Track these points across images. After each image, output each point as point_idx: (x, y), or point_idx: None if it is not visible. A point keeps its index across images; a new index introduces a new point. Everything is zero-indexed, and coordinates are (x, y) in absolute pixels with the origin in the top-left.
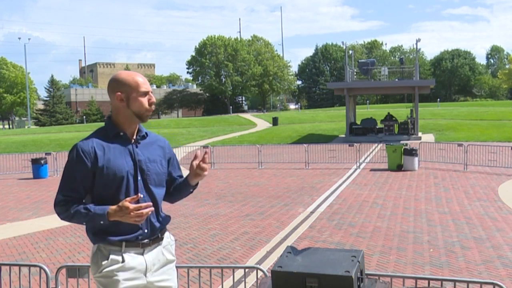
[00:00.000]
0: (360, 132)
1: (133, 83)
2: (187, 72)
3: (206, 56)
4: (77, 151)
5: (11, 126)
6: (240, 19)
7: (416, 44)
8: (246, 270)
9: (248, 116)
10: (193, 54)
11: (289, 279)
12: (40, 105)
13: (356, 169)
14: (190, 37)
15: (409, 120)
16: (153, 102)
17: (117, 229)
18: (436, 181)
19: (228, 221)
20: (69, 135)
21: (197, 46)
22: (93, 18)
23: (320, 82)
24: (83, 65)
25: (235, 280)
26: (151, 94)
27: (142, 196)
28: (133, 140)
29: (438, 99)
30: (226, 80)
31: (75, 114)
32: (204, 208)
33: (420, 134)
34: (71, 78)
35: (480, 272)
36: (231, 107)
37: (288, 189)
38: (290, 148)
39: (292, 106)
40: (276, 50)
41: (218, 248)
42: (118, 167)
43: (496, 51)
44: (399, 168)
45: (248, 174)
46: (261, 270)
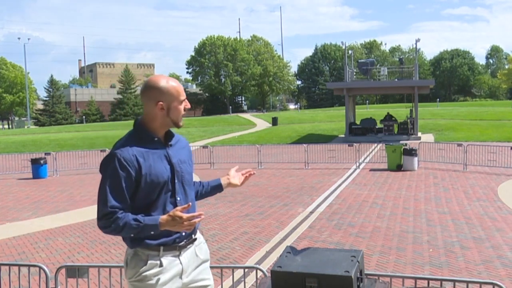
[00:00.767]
0: (360, 132)
1: (175, 93)
2: (187, 72)
3: (206, 56)
4: (119, 160)
5: (11, 126)
6: (240, 19)
7: (416, 44)
8: (246, 270)
9: (248, 116)
10: (193, 54)
11: (289, 279)
12: (40, 105)
13: (356, 169)
14: (190, 37)
15: (409, 120)
16: (188, 108)
17: (157, 234)
18: (436, 181)
19: (228, 221)
20: (69, 135)
21: (197, 46)
22: (93, 18)
23: (320, 82)
24: (83, 65)
25: (235, 280)
26: (186, 100)
27: (191, 205)
28: (166, 144)
29: (438, 99)
30: (226, 80)
31: (75, 114)
32: (204, 208)
33: (420, 134)
34: (71, 78)
35: (480, 272)
36: (231, 107)
37: (288, 189)
38: (290, 148)
39: (292, 106)
40: (276, 50)
41: (218, 248)
42: (160, 173)
43: (496, 51)
44: (399, 168)
45: None
46: (261, 270)
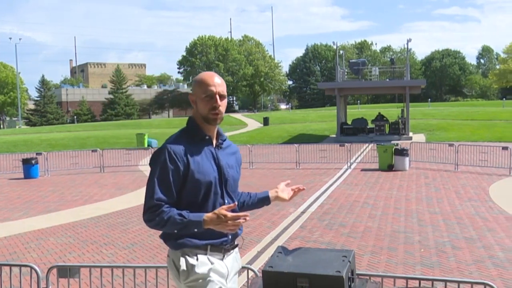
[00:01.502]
0: (351, 132)
1: (202, 85)
2: (178, 72)
3: (197, 56)
4: (169, 153)
5: (2, 126)
6: (231, 19)
7: (407, 44)
8: None
9: (239, 116)
10: (184, 54)
11: (280, 279)
12: (31, 105)
13: (347, 169)
14: (182, 37)
15: (400, 120)
16: (215, 106)
17: (204, 233)
18: (427, 181)
19: None
20: (60, 135)
21: (188, 46)
22: (84, 18)
23: (311, 82)
24: (74, 65)
25: None
26: (217, 97)
27: (237, 204)
28: (215, 144)
29: (429, 99)
30: None
31: (66, 114)
32: None
33: (411, 134)
34: (62, 78)
35: (471, 272)
36: None
37: None
38: (281, 148)
39: (283, 106)
40: (267, 50)
41: None
42: (207, 172)
43: (487, 51)
44: (390, 168)
45: None
46: (252, 270)
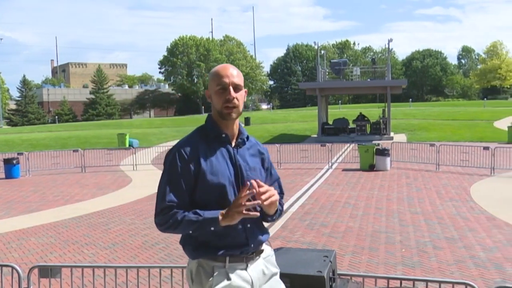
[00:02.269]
0: (332, 132)
1: (214, 78)
2: (159, 72)
3: (178, 56)
4: (179, 152)
5: None
6: (212, 19)
7: (388, 44)
8: None
9: None
10: (165, 54)
11: None
12: (12, 105)
13: (328, 169)
14: (163, 37)
15: (381, 120)
16: (229, 99)
17: (221, 243)
18: (408, 181)
19: None
20: (41, 135)
21: (169, 46)
22: (66, 19)
23: (292, 82)
24: (55, 65)
25: None
26: (230, 88)
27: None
28: (234, 143)
29: (410, 99)
30: (198, 80)
31: (47, 114)
32: None
33: (392, 134)
34: (43, 78)
35: (452, 272)
36: (203, 107)
37: None
38: None
39: (264, 106)
40: (248, 50)
41: None
42: (221, 172)
43: (467, 52)
44: (371, 168)
45: None
46: None
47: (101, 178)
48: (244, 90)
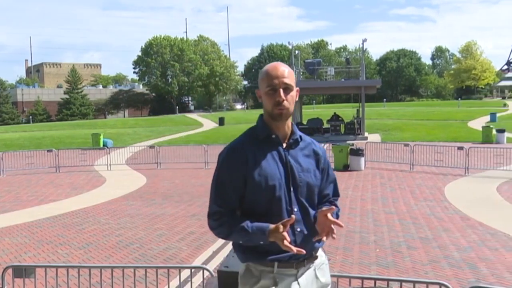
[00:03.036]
0: (306, 132)
1: (264, 78)
2: (134, 72)
3: (152, 56)
4: (228, 154)
5: None
6: (187, 19)
7: (362, 44)
8: (193, 270)
9: (195, 116)
10: (139, 54)
11: (235, 279)
12: None
13: None
14: (137, 38)
15: (355, 120)
16: (278, 101)
17: (271, 248)
18: (383, 181)
19: (175, 221)
20: (16, 135)
21: (143, 47)
22: (40, 18)
23: None
24: (30, 65)
25: (181, 280)
26: (280, 90)
27: (295, 218)
28: (285, 144)
29: (385, 99)
30: (173, 80)
31: (21, 114)
32: (151, 208)
33: (367, 134)
34: (17, 78)
35: (427, 272)
36: (178, 107)
37: None
38: None
39: (239, 106)
40: (223, 50)
41: (165, 248)
42: (271, 174)
43: (441, 52)
44: (346, 168)
45: (195, 174)
46: (207, 270)
47: (76, 178)
48: (296, 89)
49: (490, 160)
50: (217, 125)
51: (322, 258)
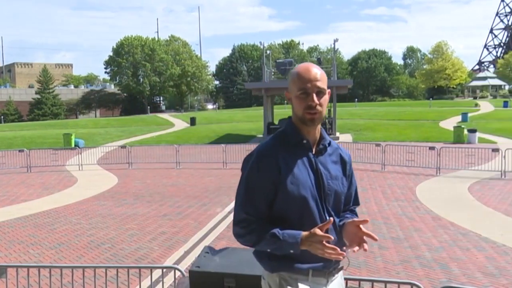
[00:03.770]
0: None
1: (295, 80)
2: (105, 72)
3: (124, 56)
4: (258, 160)
5: None
6: (158, 19)
7: (334, 44)
8: (164, 270)
9: (166, 116)
10: (111, 54)
11: (207, 279)
12: None
13: None
14: (109, 38)
15: (327, 120)
16: (311, 105)
17: (305, 256)
18: None
19: (146, 221)
20: None
21: (115, 47)
22: (11, 19)
23: (238, 82)
24: (1, 65)
25: (153, 280)
26: (313, 94)
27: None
28: (315, 150)
29: (356, 99)
30: (144, 80)
31: None
32: (122, 208)
33: (338, 134)
34: None
35: (398, 272)
36: (149, 107)
37: (206, 189)
38: (208, 148)
39: (210, 106)
40: (194, 50)
41: (136, 248)
42: (302, 182)
43: (412, 51)
44: None
45: (166, 174)
46: (179, 270)
47: (47, 178)
48: (328, 92)
49: (462, 160)
50: (189, 125)
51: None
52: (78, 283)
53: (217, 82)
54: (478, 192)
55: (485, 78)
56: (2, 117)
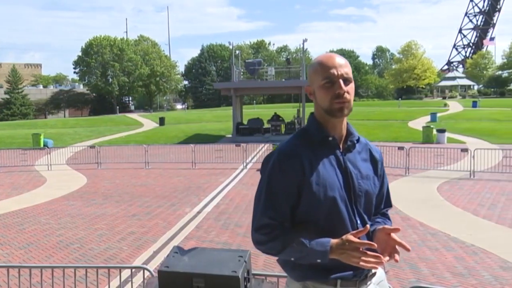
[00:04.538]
0: (247, 132)
1: (318, 70)
2: (74, 72)
3: (93, 57)
4: (280, 160)
5: None
6: (127, 19)
7: (303, 44)
8: (133, 270)
9: (135, 116)
10: (80, 55)
11: (176, 279)
12: None
13: (243, 169)
14: (78, 38)
15: (296, 120)
16: (339, 94)
17: (333, 264)
18: None
19: (115, 221)
20: None
21: (84, 47)
22: None
23: (207, 82)
24: None
25: (122, 280)
26: (340, 81)
27: (369, 229)
28: (342, 147)
29: None
30: (113, 81)
31: None
32: (91, 208)
33: None
34: None
35: None
36: (118, 107)
37: (175, 189)
38: (177, 148)
39: (179, 106)
40: (163, 50)
41: (105, 248)
42: (330, 183)
43: (381, 51)
44: None
45: (135, 174)
46: (148, 270)
47: (16, 178)
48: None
49: (431, 160)
50: (158, 125)
51: (382, 276)
52: (47, 283)
53: (186, 82)
54: (447, 192)
55: (454, 78)
56: None
